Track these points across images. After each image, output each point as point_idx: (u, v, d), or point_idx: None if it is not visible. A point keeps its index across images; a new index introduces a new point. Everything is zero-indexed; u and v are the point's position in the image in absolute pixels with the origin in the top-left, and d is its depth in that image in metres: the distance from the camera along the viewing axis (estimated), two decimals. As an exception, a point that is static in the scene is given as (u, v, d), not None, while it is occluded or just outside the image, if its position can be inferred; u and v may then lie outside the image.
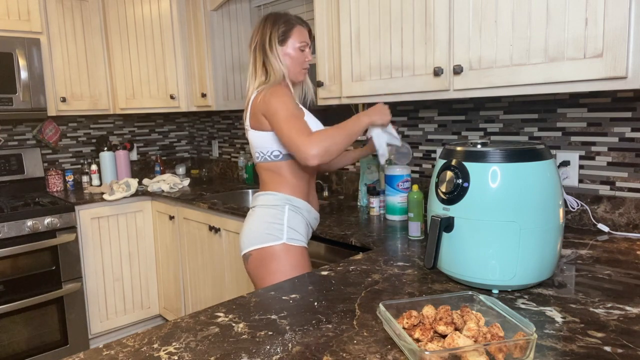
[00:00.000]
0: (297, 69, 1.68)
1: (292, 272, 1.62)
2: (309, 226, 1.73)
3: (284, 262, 1.62)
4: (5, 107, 2.81)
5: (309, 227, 1.73)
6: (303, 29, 1.67)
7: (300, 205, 1.67)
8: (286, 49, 1.65)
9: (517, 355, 0.85)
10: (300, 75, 1.70)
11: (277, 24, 1.64)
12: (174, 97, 3.27)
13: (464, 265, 1.21)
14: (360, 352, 0.93)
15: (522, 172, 1.14)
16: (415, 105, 2.38)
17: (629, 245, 1.57)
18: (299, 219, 1.66)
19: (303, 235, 1.67)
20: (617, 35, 1.30)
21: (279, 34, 1.64)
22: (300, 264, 1.63)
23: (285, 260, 1.62)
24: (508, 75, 1.54)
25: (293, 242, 1.63)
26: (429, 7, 1.74)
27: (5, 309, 2.61)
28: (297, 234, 1.64)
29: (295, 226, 1.65)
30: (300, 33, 1.66)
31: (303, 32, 1.67)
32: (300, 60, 1.67)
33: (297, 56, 1.66)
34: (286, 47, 1.65)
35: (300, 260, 1.63)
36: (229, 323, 1.09)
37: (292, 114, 1.53)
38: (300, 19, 1.69)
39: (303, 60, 1.68)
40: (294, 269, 1.62)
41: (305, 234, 1.69)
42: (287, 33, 1.64)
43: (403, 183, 2.05)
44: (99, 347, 1.00)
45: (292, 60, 1.66)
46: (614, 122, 1.73)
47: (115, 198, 3.01)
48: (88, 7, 3.19)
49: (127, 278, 3.15)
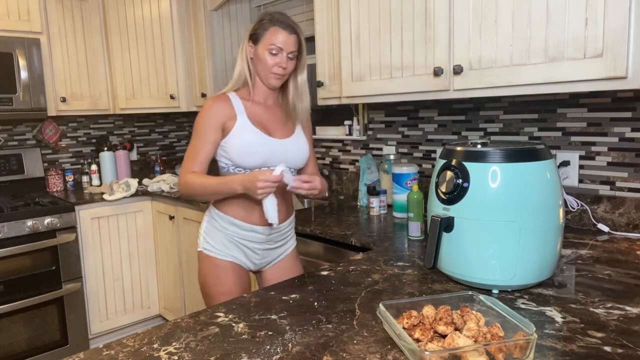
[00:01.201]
0: (264, 73, 1.57)
1: (204, 279, 1.64)
2: (233, 241, 1.62)
3: (201, 267, 1.66)
4: (5, 107, 2.81)
5: (235, 242, 1.62)
6: (282, 31, 1.54)
7: (219, 218, 1.62)
8: (257, 49, 1.57)
9: (517, 355, 0.85)
10: (272, 80, 1.58)
11: (258, 21, 1.58)
12: (174, 97, 3.27)
13: (464, 265, 1.21)
14: (360, 352, 0.93)
15: (522, 172, 1.14)
16: (415, 105, 2.38)
17: (629, 245, 1.57)
18: (215, 232, 1.63)
19: (218, 248, 1.62)
20: (617, 35, 1.30)
21: (254, 31, 1.57)
22: (214, 275, 1.61)
23: (202, 268, 1.65)
24: (508, 75, 1.54)
25: (207, 252, 1.63)
26: (429, 7, 1.74)
27: (5, 309, 2.61)
28: (211, 245, 1.63)
29: (211, 237, 1.63)
30: (274, 35, 1.54)
31: (279, 34, 1.54)
32: (267, 63, 1.55)
33: (265, 59, 1.55)
34: (257, 47, 1.57)
35: (213, 271, 1.62)
36: (229, 323, 1.09)
37: (194, 143, 1.56)
38: (287, 23, 1.56)
39: (272, 65, 1.55)
40: (206, 277, 1.63)
41: (222, 246, 1.62)
42: (261, 32, 1.56)
43: (411, 182, 2.09)
44: (99, 347, 1.00)
45: (259, 62, 1.57)
46: (614, 122, 1.73)
47: (115, 198, 3.01)
48: (88, 7, 3.19)
49: (127, 278, 3.15)
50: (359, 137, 2.68)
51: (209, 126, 1.55)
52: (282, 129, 1.64)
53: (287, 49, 1.55)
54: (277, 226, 1.63)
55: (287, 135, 1.63)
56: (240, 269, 1.65)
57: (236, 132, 1.55)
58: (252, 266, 1.68)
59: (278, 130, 1.63)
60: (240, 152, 1.54)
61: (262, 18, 1.58)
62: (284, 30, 1.54)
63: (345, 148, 2.80)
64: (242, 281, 1.65)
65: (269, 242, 1.65)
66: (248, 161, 1.55)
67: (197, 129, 1.57)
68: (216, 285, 1.61)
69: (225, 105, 1.57)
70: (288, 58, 1.56)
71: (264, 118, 1.62)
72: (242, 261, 1.65)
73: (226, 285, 1.61)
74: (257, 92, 1.63)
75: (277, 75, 1.57)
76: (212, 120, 1.55)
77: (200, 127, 1.56)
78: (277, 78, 1.58)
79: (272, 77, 1.58)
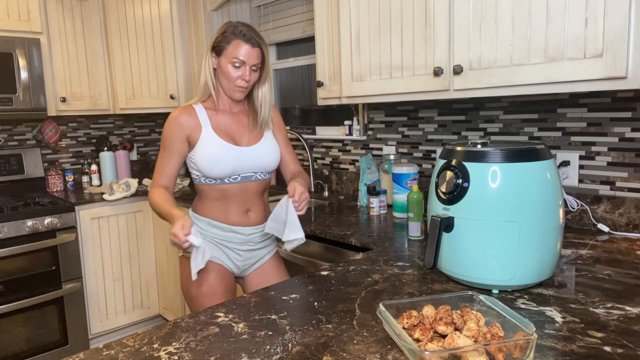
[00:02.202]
0: (228, 85, 1.58)
1: (186, 282, 1.64)
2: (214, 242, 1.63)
3: (183, 271, 1.66)
4: (5, 107, 2.81)
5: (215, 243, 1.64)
6: (244, 44, 1.53)
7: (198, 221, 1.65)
8: (220, 61, 1.57)
9: (517, 355, 0.85)
10: (235, 93, 1.60)
11: (220, 32, 1.57)
12: (174, 97, 3.27)
13: (464, 265, 1.21)
14: (360, 352, 0.93)
15: (522, 172, 1.14)
16: (415, 105, 2.38)
17: (629, 245, 1.57)
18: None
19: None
20: (617, 35, 1.30)
21: (217, 43, 1.57)
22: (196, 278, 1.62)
23: (184, 270, 1.65)
24: (508, 75, 1.54)
25: (187, 254, 1.62)
26: (429, 7, 1.74)
27: (5, 309, 2.61)
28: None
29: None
30: (236, 48, 1.53)
31: (242, 48, 1.53)
32: (231, 76, 1.56)
33: (228, 72, 1.56)
34: (220, 59, 1.57)
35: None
36: (229, 323, 1.09)
37: (162, 155, 1.60)
38: (250, 36, 1.55)
39: (235, 77, 1.56)
40: (188, 279, 1.62)
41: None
42: (224, 45, 1.56)
43: (411, 182, 2.09)
44: (99, 347, 1.00)
45: (222, 74, 1.58)
46: (614, 122, 1.73)
47: (115, 198, 3.01)
48: (88, 7, 3.19)
49: (127, 278, 3.15)
50: (359, 137, 2.68)
51: (174, 138, 1.58)
52: (250, 135, 1.65)
53: (250, 62, 1.55)
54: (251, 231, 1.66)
55: (255, 142, 1.65)
56: (222, 268, 1.65)
57: (202, 144, 1.57)
58: (235, 269, 1.69)
59: (245, 137, 1.64)
60: (207, 163, 1.56)
61: (224, 30, 1.57)
62: (247, 43, 1.54)
63: (345, 148, 2.80)
64: (226, 280, 1.65)
65: (249, 242, 1.67)
66: (216, 172, 1.57)
67: (163, 141, 1.60)
68: (199, 285, 1.60)
69: (189, 116, 1.58)
70: (252, 70, 1.57)
71: (229, 127, 1.63)
72: (225, 262, 1.65)
73: (210, 284, 1.61)
74: (221, 101, 1.65)
75: (240, 89, 1.59)
76: (177, 133, 1.57)
77: (166, 139, 1.59)
78: (241, 91, 1.60)
79: (235, 89, 1.59)
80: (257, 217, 1.68)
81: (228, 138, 1.61)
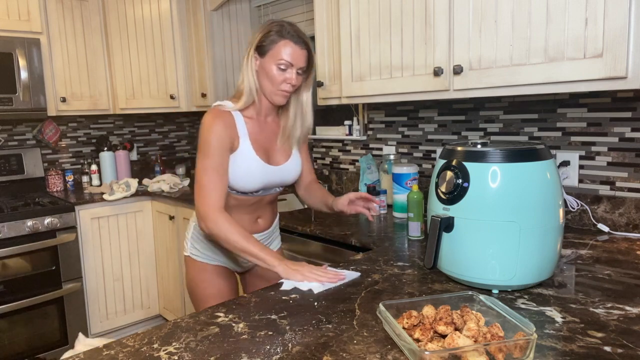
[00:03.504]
0: (271, 89, 1.45)
1: (192, 283, 1.64)
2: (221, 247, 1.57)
3: (188, 271, 1.65)
4: (5, 107, 2.80)
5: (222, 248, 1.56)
6: (293, 45, 1.42)
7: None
8: (263, 62, 1.44)
9: (517, 355, 0.85)
10: (278, 98, 1.47)
11: (265, 31, 1.44)
12: (174, 97, 3.27)
13: (464, 265, 1.21)
14: (360, 352, 0.93)
15: (522, 172, 1.14)
16: (415, 105, 2.38)
17: (629, 245, 1.57)
18: (202, 238, 1.61)
19: (206, 254, 1.61)
20: (617, 35, 1.30)
21: (261, 43, 1.44)
22: (201, 278, 1.62)
23: (189, 271, 1.65)
24: (508, 75, 1.54)
25: (195, 257, 1.62)
26: (429, 7, 1.74)
27: (5, 309, 2.61)
28: (198, 251, 1.62)
29: (198, 243, 1.62)
30: (283, 49, 1.41)
31: (289, 48, 1.41)
32: (276, 79, 1.43)
33: (272, 74, 1.42)
34: (264, 60, 1.44)
35: (202, 275, 1.61)
36: (229, 323, 1.09)
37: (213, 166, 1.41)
38: (298, 36, 1.43)
39: (280, 81, 1.43)
40: (194, 281, 1.63)
41: (210, 252, 1.61)
42: (269, 45, 1.42)
43: (411, 182, 2.09)
44: (99, 347, 1.00)
45: (265, 77, 1.44)
46: (614, 122, 1.73)
47: (115, 198, 3.01)
48: (88, 7, 3.19)
49: (127, 278, 3.15)
50: (359, 137, 2.68)
51: (221, 147, 1.43)
52: (280, 150, 1.57)
53: (297, 64, 1.43)
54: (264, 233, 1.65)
55: (284, 160, 1.58)
56: (228, 271, 1.66)
57: (237, 157, 1.46)
58: (240, 268, 1.70)
59: (276, 154, 1.56)
60: (238, 179, 1.47)
61: (269, 29, 1.44)
62: (296, 44, 1.42)
63: (345, 148, 2.80)
64: (231, 283, 1.66)
65: None
66: (243, 188, 1.50)
67: (207, 152, 1.42)
68: (205, 288, 1.61)
69: (230, 126, 1.45)
70: (297, 74, 1.45)
71: (264, 139, 1.53)
72: (230, 265, 1.66)
73: (216, 287, 1.61)
74: (258, 109, 1.53)
75: (284, 93, 1.46)
76: (223, 143, 1.43)
77: (211, 150, 1.41)
78: (284, 95, 1.47)
79: (279, 94, 1.46)
80: (265, 223, 1.65)
81: (262, 154, 1.51)
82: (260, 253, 1.35)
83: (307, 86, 1.53)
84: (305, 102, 1.54)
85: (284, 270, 1.32)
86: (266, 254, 1.35)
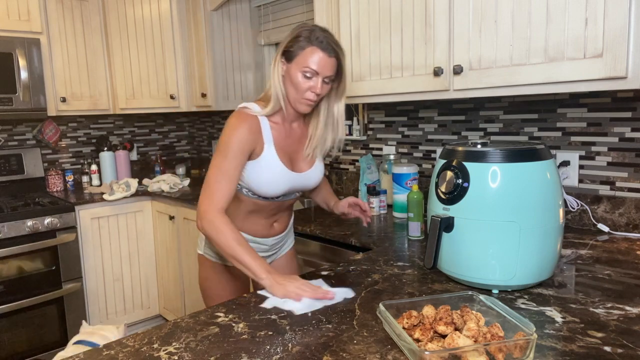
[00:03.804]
0: (295, 96, 1.41)
1: (205, 283, 1.64)
2: None
3: (201, 270, 1.66)
4: (5, 107, 2.80)
5: None
6: (320, 52, 1.35)
7: None
8: (290, 68, 1.39)
9: (517, 355, 0.85)
10: (300, 106, 1.42)
11: (294, 36, 1.39)
12: (174, 97, 3.27)
13: (464, 265, 1.21)
14: (360, 352, 0.93)
15: (522, 172, 1.14)
16: (415, 105, 2.38)
17: (629, 245, 1.57)
18: None
19: (218, 253, 1.60)
20: (617, 35, 1.30)
21: (288, 48, 1.39)
22: (214, 278, 1.62)
23: (202, 270, 1.65)
24: (508, 75, 1.54)
25: (210, 257, 1.62)
26: (428, 7, 1.74)
27: (5, 309, 2.61)
28: (211, 250, 1.61)
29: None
30: (310, 56, 1.35)
31: (315, 55, 1.35)
32: (300, 87, 1.38)
33: (297, 81, 1.38)
34: (290, 65, 1.39)
35: (217, 275, 1.62)
36: (229, 323, 1.09)
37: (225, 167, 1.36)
38: (327, 43, 1.36)
39: (304, 89, 1.38)
40: (207, 280, 1.63)
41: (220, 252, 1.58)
42: (296, 50, 1.37)
43: (411, 182, 2.09)
44: (99, 347, 1.00)
45: (290, 83, 1.39)
46: (614, 122, 1.73)
47: (115, 198, 3.01)
48: (88, 7, 3.19)
49: (127, 278, 3.15)
50: (359, 137, 2.68)
51: (240, 151, 1.39)
52: (305, 158, 1.54)
53: (323, 73, 1.37)
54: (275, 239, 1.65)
55: (308, 167, 1.54)
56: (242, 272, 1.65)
57: (261, 163, 1.43)
58: None
59: (300, 160, 1.53)
60: (261, 185, 1.45)
61: (298, 34, 1.38)
62: (323, 51, 1.36)
63: (345, 148, 2.80)
64: (245, 283, 1.67)
65: (270, 250, 1.66)
66: (266, 193, 1.47)
67: (225, 153, 1.38)
68: (219, 289, 1.62)
69: (255, 131, 1.41)
70: (323, 82, 1.39)
71: (289, 145, 1.50)
72: None
73: (230, 288, 1.62)
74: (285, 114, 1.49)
75: (308, 101, 1.40)
76: (243, 147, 1.39)
77: (229, 153, 1.38)
78: (308, 104, 1.42)
79: (303, 102, 1.41)
80: (280, 227, 1.64)
81: (287, 160, 1.48)
82: (250, 262, 1.29)
83: (339, 96, 1.48)
84: (337, 113, 1.49)
85: (270, 284, 1.25)
86: (256, 264, 1.28)
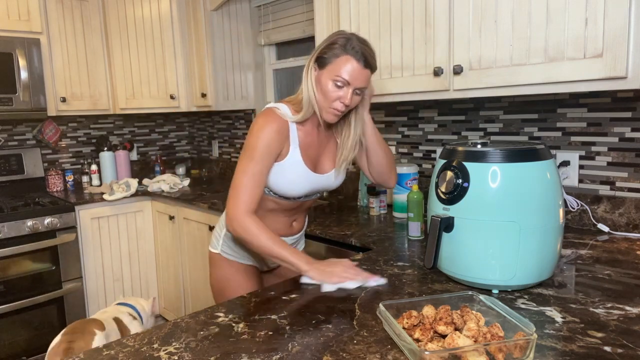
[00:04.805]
0: (323, 104, 1.37)
1: (221, 282, 1.63)
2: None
3: (217, 269, 1.64)
4: (5, 107, 2.81)
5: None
6: (354, 63, 1.31)
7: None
8: (321, 75, 1.35)
9: (517, 355, 0.85)
10: (327, 115, 1.38)
11: (329, 42, 1.35)
12: (174, 97, 3.27)
13: (464, 265, 1.21)
14: (360, 352, 0.93)
15: (522, 172, 1.14)
16: (415, 105, 2.38)
17: (629, 245, 1.57)
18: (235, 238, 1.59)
19: (240, 253, 1.61)
20: (617, 35, 1.30)
21: (322, 54, 1.35)
22: (232, 277, 1.61)
23: (218, 269, 1.64)
24: (508, 75, 1.54)
25: (225, 255, 1.62)
26: (428, 7, 1.74)
27: (5, 309, 2.61)
28: (230, 249, 1.61)
29: (232, 241, 1.60)
30: (343, 65, 1.31)
31: (349, 66, 1.31)
32: (329, 96, 1.34)
33: (327, 89, 1.34)
34: (322, 72, 1.35)
35: (231, 274, 1.61)
36: (229, 323, 1.09)
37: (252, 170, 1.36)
38: (362, 53, 1.32)
39: (333, 98, 1.34)
40: (224, 280, 1.62)
41: (243, 251, 1.60)
42: (329, 57, 1.33)
43: (411, 182, 2.09)
44: (99, 347, 1.00)
45: (321, 90, 1.35)
46: (614, 122, 1.73)
47: (115, 198, 3.01)
48: (88, 7, 3.19)
49: (127, 278, 3.15)
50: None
51: (268, 153, 1.37)
52: (328, 159, 1.53)
53: (355, 84, 1.33)
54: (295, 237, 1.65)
55: (331, 168, 1.53)
56: (256, 270, 1.68)
57: (286, 165, 1.42)
58: (266, 267, 1.72)
59: (324, 162, 1.52)
60: (284, 186, 1.44)
61: (334, 40, 1.34)
62: (358, 62, 1.31)
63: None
64: (259, 282, 1.68)
65: None
66: (289, 194, 1.47)
67: (252, 155, 1.36)
68: (235, 288, 1.60)
69: (282, 132, 1.39)
70: (354, 94, 1.35)
71: (314, 148, 1.49)
72: (259, 264, 1.68)
73: (246, 286, 1.61)
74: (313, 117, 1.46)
75: (335, 111, 1.36)
76: (270, 149, 1.37)
77: (257, 155, 1.36)
78: (336, 114, 1.38)
79: (330, 112, 1.37)
80: (299, 226, 1.65)
81: (310, 162, 1.47)
82: (290, 257, 1.33)
83: (365, 105, 1.47)
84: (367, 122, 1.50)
85: (318, 274, 1.30)
86: (296, 258, 1.32)
